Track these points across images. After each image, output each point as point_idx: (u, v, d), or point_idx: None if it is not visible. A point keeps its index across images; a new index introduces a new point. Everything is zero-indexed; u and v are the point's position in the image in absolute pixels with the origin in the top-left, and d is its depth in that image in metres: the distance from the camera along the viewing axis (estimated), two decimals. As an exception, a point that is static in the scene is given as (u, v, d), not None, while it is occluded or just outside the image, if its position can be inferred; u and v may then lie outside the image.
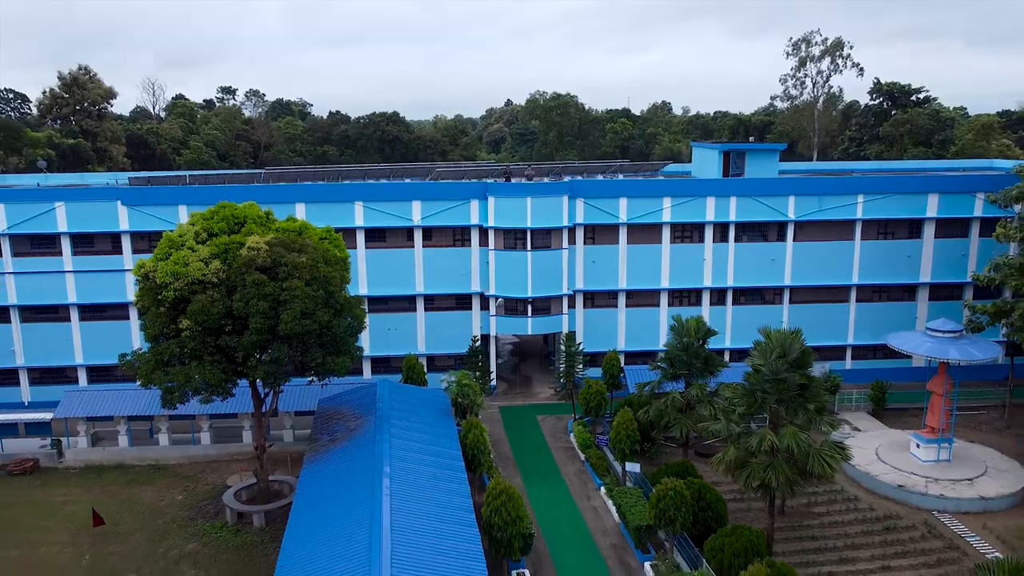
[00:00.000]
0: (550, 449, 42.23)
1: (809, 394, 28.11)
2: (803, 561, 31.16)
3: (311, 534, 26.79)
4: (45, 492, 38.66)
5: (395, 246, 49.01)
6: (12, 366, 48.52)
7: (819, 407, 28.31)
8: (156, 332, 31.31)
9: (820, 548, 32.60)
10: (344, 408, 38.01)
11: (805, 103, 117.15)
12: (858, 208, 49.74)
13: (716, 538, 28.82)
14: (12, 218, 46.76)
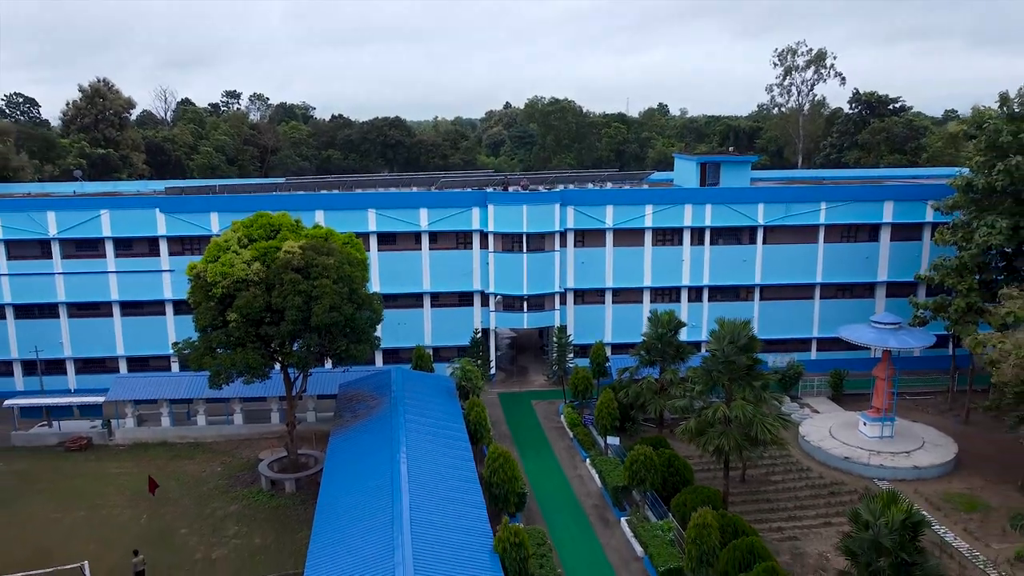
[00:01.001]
0: (543, 428, 47.76)
1: (755, 373, 33.67)
2: (758, 518, 36.56)
3: (342, 489, 32.28)
4: (100, 465, 44.08)
5: (404, 249, 54.51)
6: (60, 357, 54.00)
7: (764, 384, 33.86)
8: (206, 323, 36.73)
9: (773, 508, 38.09)
10: (363, 391, 43.52)
11: (791, 110, 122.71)
12: (821, 214, 55.26)
13: (680, 495, 34.29)
14: (61, 224, 52.25)
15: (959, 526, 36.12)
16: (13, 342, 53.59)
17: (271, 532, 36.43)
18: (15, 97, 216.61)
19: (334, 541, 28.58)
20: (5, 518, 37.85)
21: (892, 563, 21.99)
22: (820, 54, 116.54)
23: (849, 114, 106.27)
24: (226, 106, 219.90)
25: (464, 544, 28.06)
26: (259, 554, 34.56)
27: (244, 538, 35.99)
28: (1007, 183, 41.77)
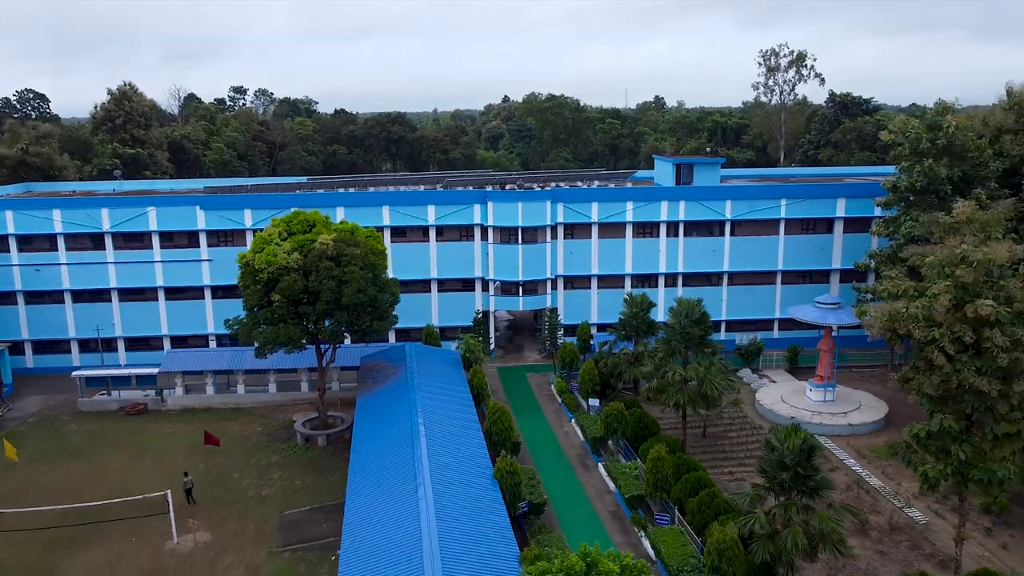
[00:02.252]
0: (535, 395, 55.31)
1: (706, 342, 41.13)
2: (714, 465, 43.97)
3: (370, 437, 39.80)
4: (156, 426, 51.60)
5: (414, 241, 61.83)
6: (112, 336, 61.42)
7: (713, 351, 41.33)
8: (253, 303, 44.14)
9: (727, 457, 45.60)
10: (381, 362, 51.03)
11: (774, 109, 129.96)
12: (782, 209, 62.62)
13: (647, 443, 41.73)
14: (114, 220, 59.59)
15: (878, 470, 43.64)
16: (71, 323, 61.01)
17: (308, 476, 43.99)
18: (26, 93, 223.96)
19: (367, 477, 36.12)
20: (87, 466, 45.43)
21: (792, 476, 29.38)
22: (801, 55, 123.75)
23: (824, 114, 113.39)
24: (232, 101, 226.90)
25: (470, 475, 35.58)
26: (300, 492, 42.12)
27: (286, 480, 43.56)
28: (925, 183, 49.13)
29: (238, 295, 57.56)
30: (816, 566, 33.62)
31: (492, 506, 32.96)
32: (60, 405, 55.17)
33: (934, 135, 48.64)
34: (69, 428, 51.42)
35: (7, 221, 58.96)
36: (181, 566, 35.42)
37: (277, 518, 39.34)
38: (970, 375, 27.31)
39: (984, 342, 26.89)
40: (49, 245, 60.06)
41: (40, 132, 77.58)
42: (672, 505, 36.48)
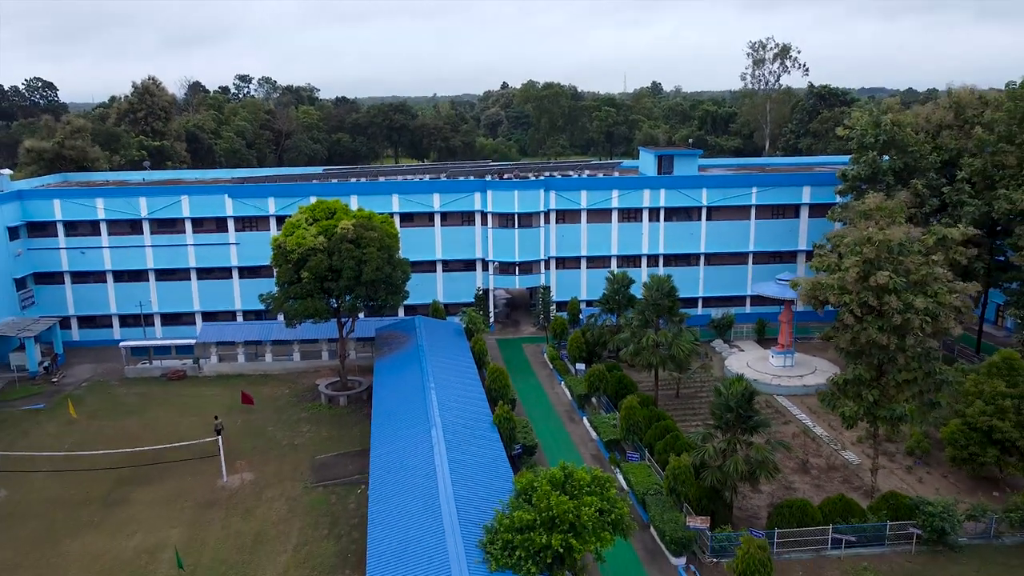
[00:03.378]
0: (530, 362, 62.28)
1: (675, 311, 48.01)
2: (683, 419, 50.80)
3: (389, 392, 46.75)
4: (196, 390, 58.49)
5: (421, 226, 68.48)
6: (149, 312, 68.20)
7: (681, 319, 48.22)
8: (285, 280, 50.89)
9: (696, 414, 52.44)
10: (395, 332, 57.92)
11: (760, 98, 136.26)
12: (752, 196, 69.30)
13: (625, 399, 48.63)
14: (151, 207, 66.21)
15: (825, 423, 50.57)
16: (112, 300, 67.81)
17: (333, 429, 50.98)
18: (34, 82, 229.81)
19: (388, 423, 43.08)
20: (140, 421, 52.40)
21: (735, 416, 36.26)
22: (785, 48, 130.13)
23: (804, 105, 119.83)
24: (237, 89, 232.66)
25: (473, 422, 42.53)
26: (326, 441, 49.11)
27: (314, 432, 50.55)
28: (870, 172, 55.81)
29: (262, 275, 64.95)
30: (760, 498, 40.70)
31: (492, 445, 39.93)
32: (108, 372, 62.05)
33: (877, 131, 55.28)
34: (119, 391, 58.39)
35: (55, 209, 65.60)
36: (232, 498, 42.46)
37: (309, 461, 46.38)
38: (873, 332, 34.18)
39: (884, 306, 33.72)
40: (92, 230, 66.66)
41: (74, 127, 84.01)
42: (643, 447, 43.49)
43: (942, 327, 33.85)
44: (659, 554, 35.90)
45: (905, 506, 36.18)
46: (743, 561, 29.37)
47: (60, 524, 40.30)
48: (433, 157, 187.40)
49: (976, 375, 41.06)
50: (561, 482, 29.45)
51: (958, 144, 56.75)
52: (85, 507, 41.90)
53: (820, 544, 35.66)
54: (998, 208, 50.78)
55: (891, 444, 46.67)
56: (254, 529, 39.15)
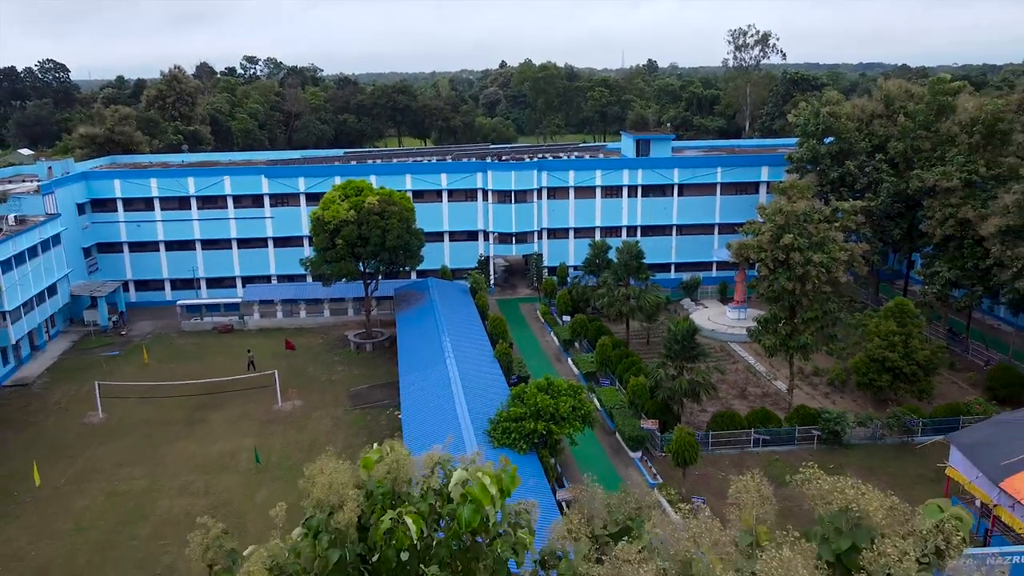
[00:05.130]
0: (524, 317, 73.26)
1: (643, 270, 58.87)
2: (650, 359, 61.78)
3: (411, 336, 57.71)
4: (242, 341, 69.29)
5: (430, 201, 79.00)
6: (196, 276, 78.94)
7: (646, 276, 59.10)
8: (321, 246, 61.54)
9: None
10: (411, 292, 68.81)
11: (741, 81, 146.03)
12: (718, 175, 79.91)
13: (600, 341, 59.56)
14: (198, 186, 76.66)
15: (766, 363, 61.60)
16: (164, 266, 78.53)
17: (363, 368, 62.02)
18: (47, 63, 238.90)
19: (412, 358, 54.06)
20: (201, 364, 63.28)
21: (680, 348, 47.15)
22: (765, 36, 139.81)
23: (778, 91, 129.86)
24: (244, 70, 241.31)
25: (479, 357, 53.53)
26: (358, 378, 60.14)
27: (347, 371, 61.58)
28: (810, 156, 66.40)
29: (293, 244, 75.74)
30: (705, 415, 51.74)
31: (494, 373, 50.99)
32: (165, 327, 72.92)
33: (817, 120, 65.79)
34: (179, 341, 69.36)
35: (115, 188, 76.10)
36: (287, 417, 53.58)
37: (345, 392, 57.46)
38: (783, 281, 45.05)
39: (790, 260, 44.54)
40: (146, 206, 77.17)
41: (122, 115, 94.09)
42: (615, 377, 54.56)
43: (834, 276, 44.65)
44: (621, 450, 47.11)
45: (810, 415, 47.31)
46: (676, 442, 40.47)
47: (155, 436, 51.42)
48: (435, 136, 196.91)
49: (877, 318, 52.03)
50: (545, 387, 40.50)
51: (886, 131, 67.23)
52: (171, 425, 52.99)
53: (744, 443, 46.81)
54: (912, 185, 61.39)
55: (816, 377, 57.76)
56: (308, 439, 50.27)
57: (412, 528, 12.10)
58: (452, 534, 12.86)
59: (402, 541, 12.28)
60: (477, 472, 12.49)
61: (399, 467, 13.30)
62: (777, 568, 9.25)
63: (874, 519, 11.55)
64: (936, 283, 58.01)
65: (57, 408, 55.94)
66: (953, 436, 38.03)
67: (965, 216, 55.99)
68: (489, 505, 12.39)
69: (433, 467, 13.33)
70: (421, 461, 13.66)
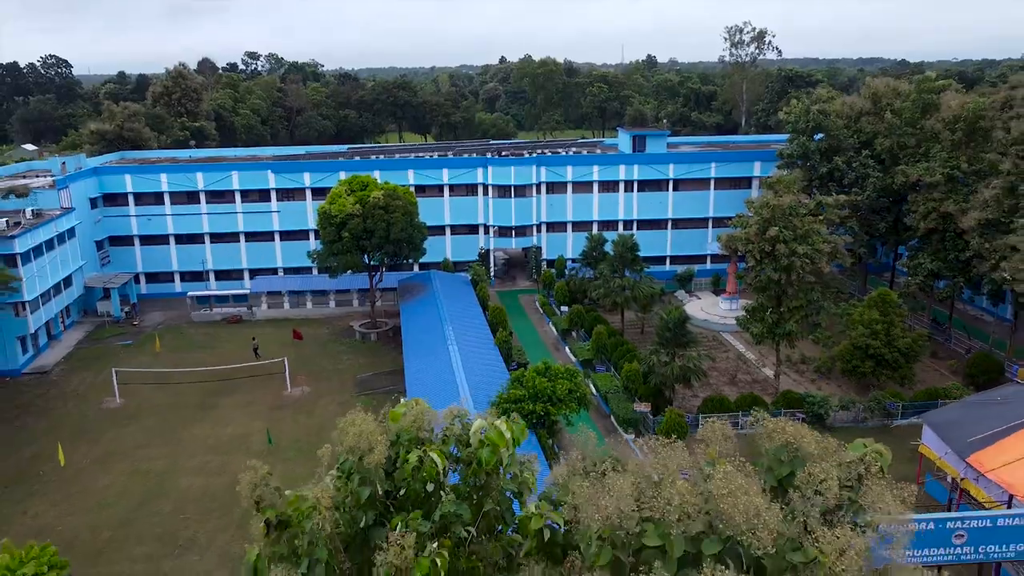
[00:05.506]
0: (524, 308, 75.63)
1: (637, 262, 61.21)
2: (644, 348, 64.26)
3: (415, 325, 60.07)
4: (251, 330, 71.62)
5: (432, 196, 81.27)
6: (205, 269, 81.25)
7: (641, 268, 61.46)
8: (328, 239, 63.85)
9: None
10: (415, 283, 71.17)
11: (738, 78, 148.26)
12: (712, 170, 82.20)
13: (596, 329, 61.95)
14: (206, 181, 78.95)
15: (756, 351, 63.99)
16: (174, 259, 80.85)
17: (368, 357, 64.39)
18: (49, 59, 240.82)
19: (416, 345, 56.43)
20: (212, 352, 65.64)
21: (672, 335, 49.52)
22: (761, 33, 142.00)
23: (773, 87, 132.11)
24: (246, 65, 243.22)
25: (480, 344, 55.90)
26: (364, 366, 62.51)
27: (353, 360, 63.96)
28: (801, 152, 68.70)
29: (298, 238, 78.11)
30: (696, 400, 54.12)
31: (495, 359, 53.40)
32: (176, 318, 75.28)
33: (807, 117, 68.07)
34: (190, 331, 71.73)
35: (127, 182, 78.39)
36: (296, 403, 55.99)
37: (352, 379, 59.85)
38: (769, 271, 47.43)
39: (775, 252, 46.90)
40: (156, 200, 79.46)
41: (131, 111, 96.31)
42: (610, 364, 56.96)
43: (818, 267, 47.02)
44: (615, 432, 49.52)
45: (795, 399, 49.72)
46: (666, 423, 42.88)
47: (171, 420, 53.84)
48: (435, 132, 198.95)
49: (861, 308, 54.41)
50: (543, 371, 42.90)
51: (874, 128, 69.51)
52: (186, 410, 55.39)
53: (732, 425, 49.09)
54: (897, 180, 63.71)
55: (804, 365, 60.17)
56: (316, 423, 52.68)
57: (438, 461, 14.62)
58: (471, 471, 15.37)
59: (430, 473, 14.78)
60: (494, 422, 15.00)
61: (422, 418, 15.82)
62: (722, 480, 11.71)
63: (808, 450, 14.07)
64: (919, 274, 60.40)
65: (75, 394, 58.35)
66: (926, 416, 40.46)
67: (947, 210, 58.35)
68: (504, 448, 14.90)
69: (453, 419, 15.85)
70: (441, 414, 16.22)
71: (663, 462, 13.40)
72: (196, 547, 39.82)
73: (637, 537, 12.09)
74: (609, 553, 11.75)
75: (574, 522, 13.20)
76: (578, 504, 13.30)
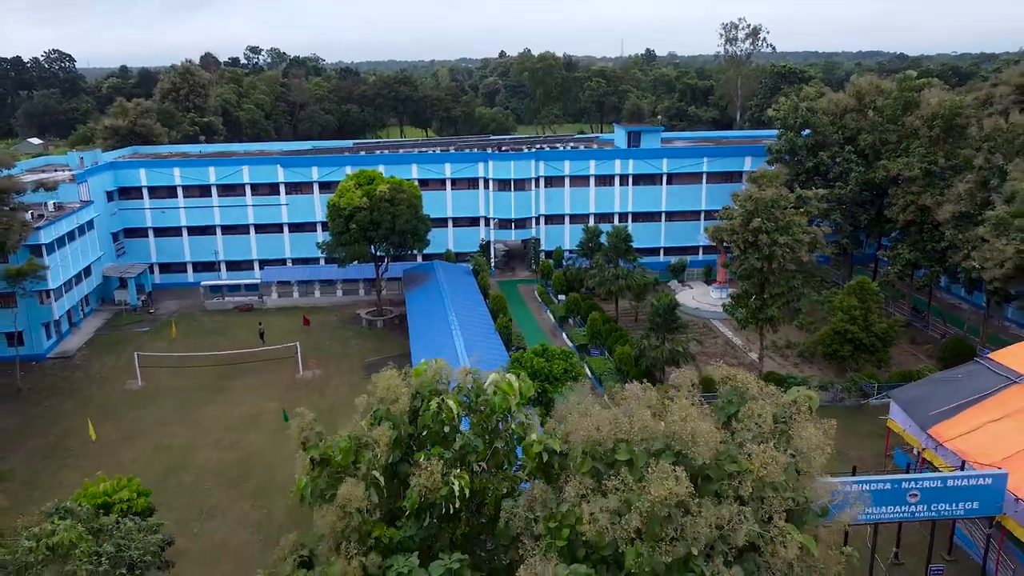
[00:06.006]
0: (523, 297, 78.89)
1: (631, 252, 64.44)
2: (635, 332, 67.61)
3: (420, 311, 63.35)
4: (262, 318, 74.86)
5: (435, 189, 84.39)
6: (217, 259, 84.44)
7: (634, 258, 64.69)
8: (337, 231, 67.01)
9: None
10: (419, 272, 74.42)
11: (734, 74, 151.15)
12: (704, 165, 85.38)
13: (592, 316, 65.17)
14: (218, 175, 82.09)
15: (743, 338, 67.27)
16: (187, 250, 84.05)
17: (375, 342, 67.69)
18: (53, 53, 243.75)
19: (421, 331, 59.70)
20: (225, 338, 68.89)
21: (663, 320, 52.75)
22: (755, 29, 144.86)
23: (767, 83, 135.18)
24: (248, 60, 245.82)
25: (482, 330, 59.15)
26: (371, 350, 65.79)
27: (361, 345, 67.25)
28: (788, 147, 71.86)
29: (306, 230, 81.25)
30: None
31: (496, 343, 56.65)
32: (189, 306, 78.51)
33: (796, 114, 71.21)
34: (203, 319, 74.99)
35: (141, 176, 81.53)
36: (308, 384, 59.31)
37: (360, 362, 63.12)
38: (753, 260, 50.66)
39: (758, 242, 50.10)
40: (170, 194, 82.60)
41: (143, 108, 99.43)
42: (604, 348, 60.24)
43: (798, 256, 50.25)
44: (608, 411, 52.82)
45: (777, 379, 52.88)
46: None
47: (189, 401, 57.13)
48: (436, 126, 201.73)
49: (841, 295, 57.67)
50: (540, 353, 46.19)
51: (857, 124, 72.61)
52: (203, 391, 58.69)
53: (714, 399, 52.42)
54: (879, 175, 66.87)
55: (788, 350, 63.47)
56: (328, 402, 55.94)
57: (454, 407, 18.09)
58: (485, 415, 18.85)
59: (448, 416, 18.24)
60: (505, 376, 18.50)
61: (440, 373, 19.34)
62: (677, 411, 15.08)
63: (752, 393, 17.57)
64: (898, 264, 63.68)
65: (99, 377, 61.64)
66: (893, 393, 43.78)
67: (924, 203, 61.56)
68: (513, 396, 18.41)
69: (466, 375, 19.37)
70: (457, 371, 19.77)
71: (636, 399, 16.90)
72: (219, 513, 43.20)
73: (611, 453, 15.44)
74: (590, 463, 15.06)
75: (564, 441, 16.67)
76: (569, 431, 16.78)
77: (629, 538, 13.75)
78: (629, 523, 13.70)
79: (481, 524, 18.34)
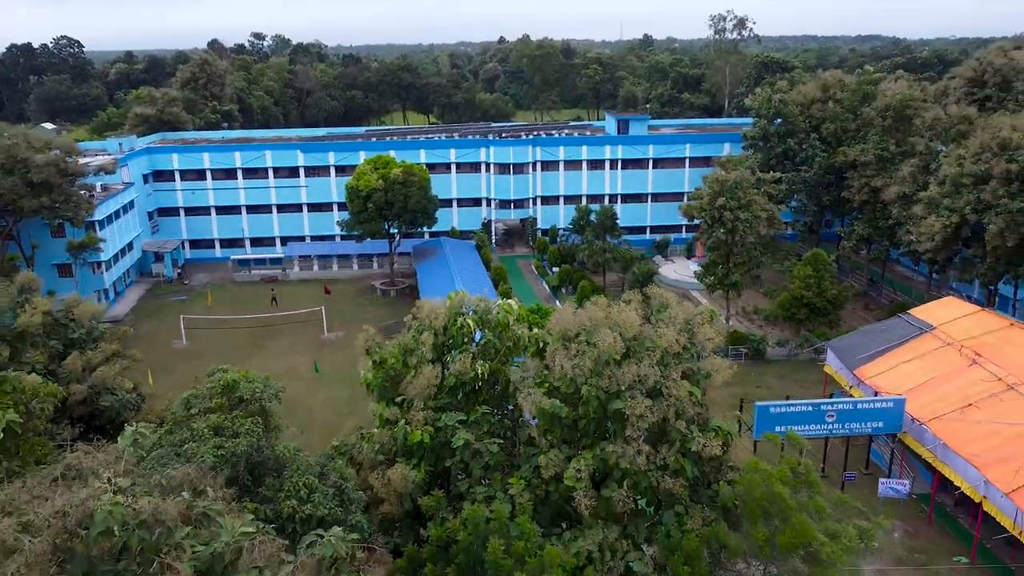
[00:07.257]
0: (521, 271, 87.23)
1: (616, 228, 72.71)
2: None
3: (429, 280, 71.70)
4: (286, 288, 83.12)
5: (441, 173, 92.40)
6: (242, 236, 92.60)
7: (619, 233, 72.96)
8: (355, 210, 75.14)
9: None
10: (428, 247, 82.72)
11: (721, 63, 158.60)
12: (686, 150, 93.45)
13: (581, 284, 73.45)
14: (244, 159, 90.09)
15: (718, 306, 75.60)
16: (215, 228, 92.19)
17: (390, 309, 76.03)
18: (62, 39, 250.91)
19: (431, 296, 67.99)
20: (255, 304, 77.23)
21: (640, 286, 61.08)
22: (742, 20, 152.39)
23: (750, 72, 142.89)
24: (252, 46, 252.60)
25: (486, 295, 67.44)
26: (386, 316, 74.01)
27: (376, 311, 75.61)
28: (761, 135, 79.96)
29: (324, 210, 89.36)
30: (663, 340, 65.92)
31: (496, 307, 65.04)
32: (219, 278, 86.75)
33: (769, 104, 79.27)
34: (233, 289, 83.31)
35: (174, 161, 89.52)
36: (333, 343, 67.76)
37: (378, 326, 71.17)
38: (718, 233, 58.96)
39: (723, 218, 58.36)
40: (199, 176, 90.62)
41: (170, 97, 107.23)
42: (592, 313, 68.67)
43: (756, 229, 58.57)
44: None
45: (739, 337, 61.44)
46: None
47: (229, 358, 64.77)
48: (437, 112, 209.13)
49: (799, 266, 66.00)
50: (535, 310, 54.61)
51: (822, 114, 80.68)
52: (241, 349, 67.04)
53: (689, 358, 60.97)
54: (839, 160, 75.01)
55: (755, 315, 71.87)
56: (352, 357, 64.06)
57: (471, 323, 26.58)
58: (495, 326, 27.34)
59: (468, 329, 26.77)
60: (509, 302, 27.08)
61: (463, 300, 27.92)
62: (617, 309, 23.57)
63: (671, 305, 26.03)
64: (852, 238, 72.01)
65: (147, 337, 70.04)
66: (830, 343, 52.26)
67: (876, 185, 69.79)
68: (511, 314, 26.97)
69: (479, 301, 27.95)
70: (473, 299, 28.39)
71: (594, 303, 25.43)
72: (267, 444, 51.64)
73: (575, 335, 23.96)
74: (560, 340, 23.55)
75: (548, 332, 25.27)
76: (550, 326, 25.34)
77: (585, 378, 22.20)
78: (584, 365, 22.16)
79: (495, 397, 26.93)
